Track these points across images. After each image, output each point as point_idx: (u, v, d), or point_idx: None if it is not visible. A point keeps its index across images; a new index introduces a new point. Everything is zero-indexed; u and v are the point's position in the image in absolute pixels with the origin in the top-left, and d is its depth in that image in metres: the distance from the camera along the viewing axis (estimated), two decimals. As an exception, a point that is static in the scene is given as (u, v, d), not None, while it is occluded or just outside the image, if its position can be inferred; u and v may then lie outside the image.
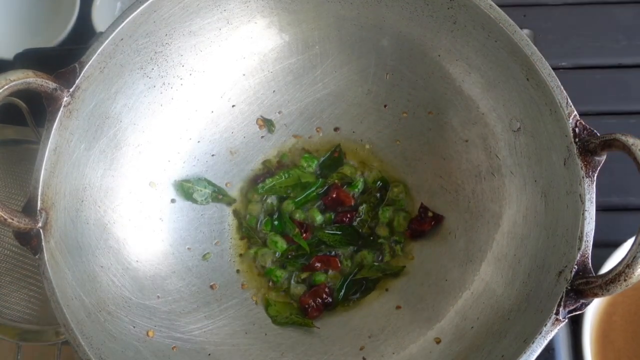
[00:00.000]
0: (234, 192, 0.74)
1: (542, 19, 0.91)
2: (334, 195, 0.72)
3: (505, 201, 0.64)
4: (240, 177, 0.74)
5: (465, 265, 0.66)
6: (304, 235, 0.70)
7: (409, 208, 0.72)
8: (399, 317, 0.67)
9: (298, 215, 0.72)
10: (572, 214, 0.54)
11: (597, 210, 0.53)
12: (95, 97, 0.61)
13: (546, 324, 0.51)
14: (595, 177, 0.54)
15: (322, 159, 0.74)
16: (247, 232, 0.72)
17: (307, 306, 0.68)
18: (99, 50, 0.60)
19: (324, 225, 0.71)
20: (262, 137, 0.75)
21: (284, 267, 0.71)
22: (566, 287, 0.52)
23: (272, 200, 0.73)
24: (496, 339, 0.57)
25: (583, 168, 0.54)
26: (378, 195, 0.72)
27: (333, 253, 0.71)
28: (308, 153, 0.74)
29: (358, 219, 0.72)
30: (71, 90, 0.59)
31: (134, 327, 0.61)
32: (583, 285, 0.51)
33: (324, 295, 0.68)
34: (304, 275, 0.70)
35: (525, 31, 0.81)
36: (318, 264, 0.70)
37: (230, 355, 0.65)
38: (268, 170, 0.74)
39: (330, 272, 0.70)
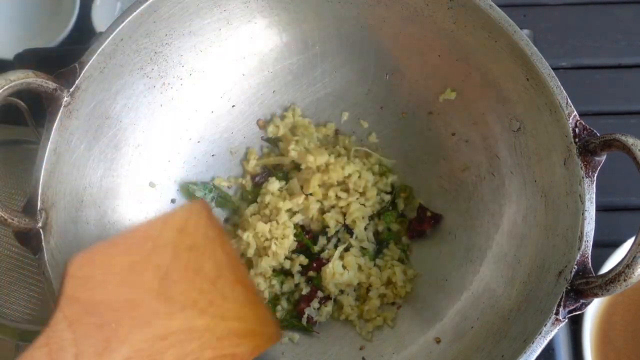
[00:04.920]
0: (234, 191, 0.74)
1: (542, 19, 0.91)
2: None
3: (505, 201, 0.64)
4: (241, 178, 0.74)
5: (465, 265, 0.66)
6: (307, 235, 0.70)
7: (407, 212, 0.72)
8: (399, 317, 0.67)
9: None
10: (572, 214, 0.54)
11: (597, 210, 0.53)
12: (95, 97, 0.61)
13: (546, 324, 0.51)
14: (595, 177, 0.54)
15: None
16: None
17: (304, 313, 0.67)
18: (99, 50, 0.60)
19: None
20: (263, 137, 0.75)
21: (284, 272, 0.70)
22: (566, 287, 0.52)
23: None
24: (496, 339, 0.57)
25: (583, 168, 0.54)
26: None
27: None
28: None
29: None
30: (71, 90, 0.59)
31: (134, 327, 0.61)
32: (583, 285, 0.51)
33: (320, 299, 0.68)
34: (301, 282, 0.69)
35: (525, 31, 0.81)
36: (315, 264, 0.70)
37: (230, 355, 0.65)
38: (267, 170, 0.74)
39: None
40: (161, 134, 0.69)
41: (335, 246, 0.70)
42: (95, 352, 0.49)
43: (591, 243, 0.53)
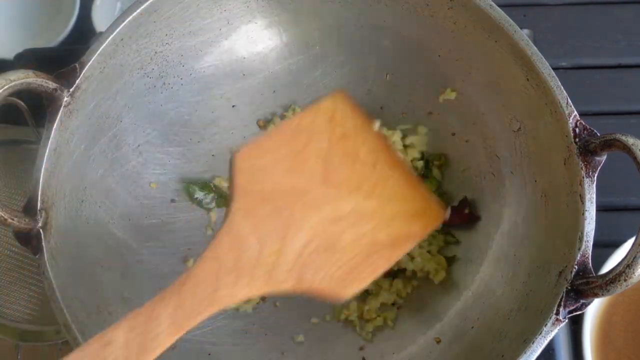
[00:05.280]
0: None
1: (542, 19, 0.91)
2: None
3: (505, 201, 0.64)
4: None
5: (465, 265, 0.66)
6: None
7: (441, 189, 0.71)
8: (399, 317, 0.67)
9: None
10: (572, 214, 0.54)
11: (597, 210, 0.53)
12: (95, 97, 0.61)
13: (546, 324, 0.51)
14: (595, 177, 0.54)
15: None
16: None
17: None
18: (99, 50, 0.60)
19: None
20: (262, 137, 0.75)
21: None
22: (566, 287, 0.52)
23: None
24: (496, 339, 0.57)
25: (583, 168, 0.54)
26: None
27: None
28: None
29: None
30: (71, 90, 0.59)
31: (134, 327, 0.61)
32: (583, 286, 0.51)
33: None
34: None
35: (525, 31, 0.81)
36: None
37: (230, 355, 0.65)
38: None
39: None
40: (161, 134, 0.69)
41: None
42: (277, 237, 0.51)
43: (591, 243, 0.53)
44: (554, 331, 0.51)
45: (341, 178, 0.55)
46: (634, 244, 0.47)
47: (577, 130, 0.55)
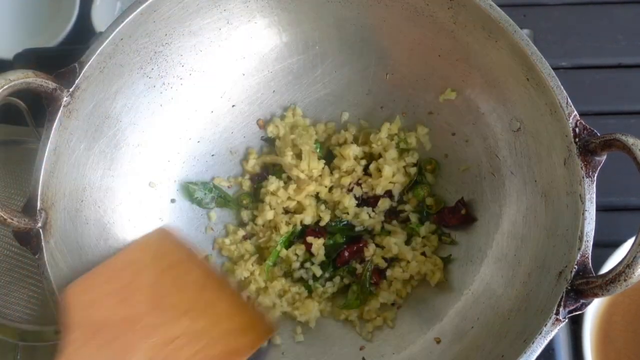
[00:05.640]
0: (234, 191, 0.74)
1: (542, 19, 0.91)
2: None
3: (505, 201, 0.64)
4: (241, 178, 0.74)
5: (465, 265, 0.66)
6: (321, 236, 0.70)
7: (436, 192, 0.71)
8: (399, 317, 0.67)
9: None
10: (572, 214, 0.54)
11: (597, 210, 0.53)
12: (95, 97, 0.61)
13: (546, 324, 0.51)
14: (595, 177, 0.54)
15: None
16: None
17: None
18: (98, 50, 0.60)
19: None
20: (262, 137, 0.75)
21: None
22: (566, 287, 0.52)
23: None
24: (496, 339, 0.57)
25: (583, 168, 0.54)
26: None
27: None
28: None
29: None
30: (71, 90, 0.59)
31: (134, 327, 0.61)
32: (583, 285, 0.51)
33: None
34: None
35: (525, 31, 0.81)
36: (347, 253, 0.69)
37: (230, 356, 0.65)
38: (267, 170, 0.74)
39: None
40: (161, 133, 0.69)
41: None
42: None
43: (591, 243, 0.53)
44: (554, 331, 0.51)
45: (170, 305, 0.61)
46: (633, 244, 0.47)
47: (577, 130, 0.55)
